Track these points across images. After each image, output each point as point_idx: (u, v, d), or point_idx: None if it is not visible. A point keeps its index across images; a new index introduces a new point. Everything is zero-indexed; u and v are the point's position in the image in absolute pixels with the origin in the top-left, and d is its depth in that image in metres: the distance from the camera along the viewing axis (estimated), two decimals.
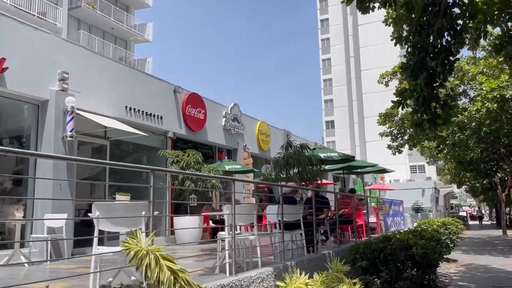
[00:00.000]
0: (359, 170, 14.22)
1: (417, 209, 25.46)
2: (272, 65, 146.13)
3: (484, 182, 28.68)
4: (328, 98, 58.70)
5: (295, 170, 9.12)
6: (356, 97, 54.56)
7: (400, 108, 8.71)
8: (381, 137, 21.45)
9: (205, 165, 11.75)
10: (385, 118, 20.92)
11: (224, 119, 15.17)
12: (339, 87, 57.44)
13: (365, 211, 12.48)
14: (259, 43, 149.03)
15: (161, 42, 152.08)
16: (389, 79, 20.26)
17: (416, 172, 50.39)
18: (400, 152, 20.93)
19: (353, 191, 13.35)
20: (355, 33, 54.90)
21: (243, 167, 13.53)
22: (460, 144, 17.25)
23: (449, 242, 14.03)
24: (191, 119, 13.24)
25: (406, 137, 20.48)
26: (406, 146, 21.04)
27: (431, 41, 8.16)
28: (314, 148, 11.80)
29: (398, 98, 8.66)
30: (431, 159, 34.37)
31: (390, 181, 44.32)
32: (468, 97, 17.70)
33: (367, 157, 52.60)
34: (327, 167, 13.02)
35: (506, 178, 28.27)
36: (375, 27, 44.40)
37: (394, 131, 20.79)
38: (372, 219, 12.44)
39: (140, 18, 33.01)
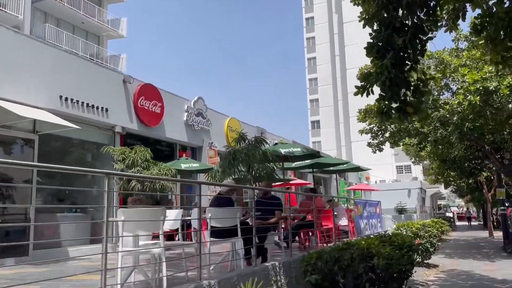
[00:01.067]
0: (331, 168, 13.05)
1: (400, 210, 24.40)
2: (257, 64, 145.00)
3: (470, 181, 27.75)
4: (313, 97, 57.66)
5: (246, 168, 7.89)
6: (341, 96, 53.58)
7: (365, 94, 7.50)
8: (361, 135, 20.32)
9: (157, 164, 10.46)
10: (365, 114, 19.81)
11: (186, 113, 13.90)
12: (325, 86, 56.44)
13: (336, 213, 11.35)
14: (244, 41, 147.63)
15: (137, 38, 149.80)
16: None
17: (402, 173, 49.54)
18: (380, 150, 19.82)
19: (313, 190, 12.21)
20: (340, 31, 53.94)
21: (202, 165, 12.25)
22: (443, 141, 16.19)
23: (429, 246, 12.96)
24: (145, 112, 11.96)
25: (387, 134, 19.39)
26: (388, 144, 19.94)
27: (399, 15, 6.99)
28: (276, 143, 10.62)
29: (362, 83, 7.50)
30: (416, 159, 33.48)
31: (376, 182, 43.40)
32: (450, 91, 16.67)
33: (353, 157, 51.61)
34: (294, 164, 11.86)
35: (492, 178, 27.39)
36: (360, 25, 43.33)
37: (374, 128, 19.69)
38: (344, 221, 11.28)
39: (114, 12, 31.63)
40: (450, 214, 42.92)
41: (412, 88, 7.06)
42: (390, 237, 8.18)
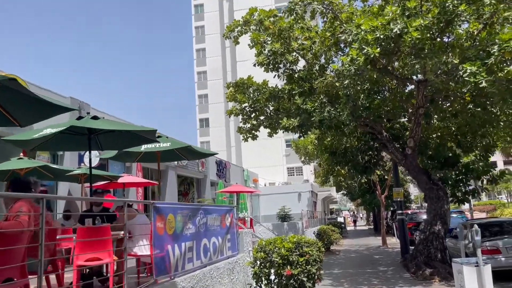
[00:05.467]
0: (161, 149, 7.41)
1: (283, 217, 19.90)
2: (137, 54, 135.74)
3: (363, 181, 24.47)
4: (202, 93, 52.01)
5: None
6: None
7: None
8: (229, 116, 15.18)
9: None
10: (236, 89, 14.73)
11: None
12: (215, 80, 51.23)
13: (130, 233, 5.87)
14: (125, 26, 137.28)
15: None
16: (238, 33, 14.08)
17: (293, 175, 46.25)
18: (254, 138, 14.86)
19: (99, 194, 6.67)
20: (231, 21, 49.09)
21: None
22: (330, 122, 11.71)
23: (305, 280, 8.00)
24: None
25: (262, 117, 14.46)
26: (265, 132, 15.00)
27: None
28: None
29: None
30: (306, 158, 29.58)
31: (265, 185, 39.21)
32: (340, 52, 12.22)
33: (243, 159, 47.15)
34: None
35: (385, 177, 24.27)
36: None
37: (246, 108, 14.66)
38: (146, 249, 5.77)
39: None
40: (342, 219, 40.37)
41: None
42: None
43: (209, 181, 23.55)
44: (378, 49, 9.32)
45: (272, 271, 8.20)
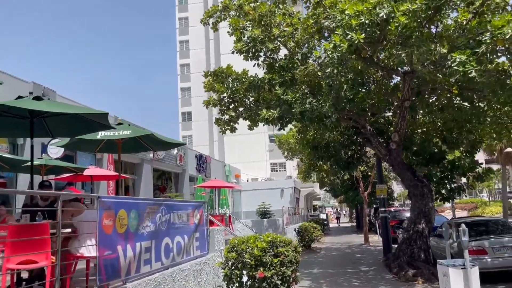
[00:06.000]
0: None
1: (263, 214, 19.20)
2: (119, 46, 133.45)
3: (345, 178, 23.99)
4: (185, 86, 50.91)
5: None
6: None
7: None
8: (206, 107, 14.44)
9: None
10: (215, 78, 13.99)
11: None
12: (198, 73, 50.16)
13: (77, 230, 5.16)
14: (106, 17, 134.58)
15: None
16: (217, 18, 13.33)
17: (277, 171, 45.67)
18: (232, 130, 14.14)
19: (47, 187, 5.90)
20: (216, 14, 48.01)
21: None
22: (312, 114, 11.06)
23: (279, 283, 7.36)
24: None
25: (241, 109, 13.75)
26: (245, 124, 14.29)
27: None
28: None
29: None
30: (289, 153, 29.01)
31: (247, 180, 38.55)
32: (323, 40, 11.56)
33: (226, 154, 46.39)
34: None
35: (368, 174, 23.83)
36: None
37: (225, 98, 13.93)
38: (90, 250, 5.01)
39: None
40: (324, 216, 39.97)
41: None
42: None
43: (188, 175, 22.76)
44: (363, 35, 8.67)
45: (245, 272, 7.54)
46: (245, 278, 7.50)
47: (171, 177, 22.57)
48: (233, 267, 7.56)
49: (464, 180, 13.84)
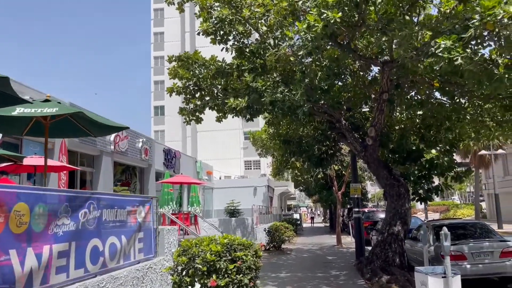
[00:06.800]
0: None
1: (232, 212, 18.17)
2: (91, 36, 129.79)
3: (319, 176, 23.19)
4: (159, 79, 49.22)
5: None
6: None
7: None
8: (170, 95, 13.28)
9: None
10: (180, 64, 12.86)
11: None
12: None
13: None
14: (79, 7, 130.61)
15: None
16: None
17: (251, 169, 44.64)
18: (198, 121, 13.03)
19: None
20: (192, 5, 46.65)
21: None
22: (283, 104, 10.08)
23: None
24: None
25: (208, 98, 12.65)
26: (212, 115, 13.21)
27: None
28: None
29: None
30: (263, 150, 28.05)
31: (220, 178, 37.41)
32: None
33: (198, 151, 45.11)
34: None
35: (342, 173, 23.09)
36: None
37: (190, 86, 12.82)
38: None
39: None
40: (298, 216, 39.24)
41: None
42: None
43: (154, 171, 21.46)
44: (340, 13, 7.75)
45: (196, 279, 6.49)
46: (198, 286, 6.45)
47: (136, 172, 21.24)
48: (183, 274, 6.51)
49: (440, 180, 13.18)
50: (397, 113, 13.85)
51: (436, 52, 7.71)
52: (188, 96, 12.81)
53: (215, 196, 33.23)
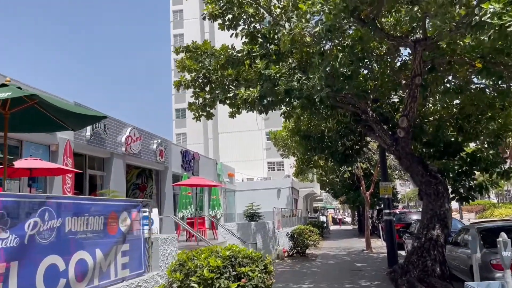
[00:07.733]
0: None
1: (251, 216, 17.07)
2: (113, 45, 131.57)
3: (345, 176, 21.74)
4: None
5: None
6: None
7: None
8: (178, 90, 12.26)
9: None
10: (189, 56, 11.83)
11: None
12: None
13: None
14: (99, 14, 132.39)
15: None
16: None
17: (274, 170, 43.39)
18: (209, 117, 11.96)
19: None
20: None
21: None
22: (300, 93, 8.87)
23: None
24: None
25: (218, 91, 11.53)
26: (224, 109, 12.11)
27: None
28: None
29: None
30: (285, 151, 26.80)
31: (242, 180, 36.30)
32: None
33: (220, 152, 44.17)
34: None
35: (371, 172, 21.56)
36: None
37: (200, 78, 11.76)
38: None
39: None
40: (324, 218, 37.68)
41: None
42: None
43: (171, 173, 20.51)
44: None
45: None
46: None
47: (152, 175, 20.36)
48: None
49: (484, 176, 11.59)
50: (430, 105, 12.38)
51: (483, 19, 6.34)
52: (197, 90, 11.74)
53: (238, 199, 32.14)
